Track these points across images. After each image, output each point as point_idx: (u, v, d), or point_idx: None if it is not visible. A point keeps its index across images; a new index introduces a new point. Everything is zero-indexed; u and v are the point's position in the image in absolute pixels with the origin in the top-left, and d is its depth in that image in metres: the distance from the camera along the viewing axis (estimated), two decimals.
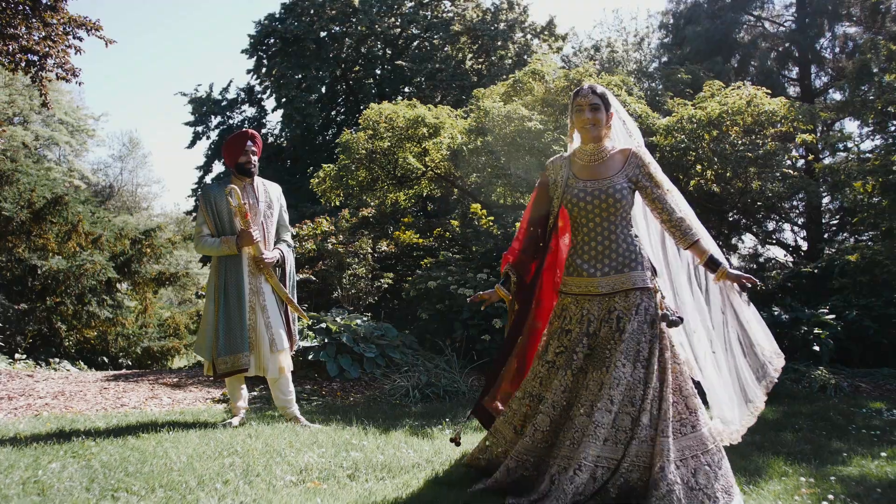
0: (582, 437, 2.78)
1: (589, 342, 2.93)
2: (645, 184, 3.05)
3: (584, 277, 2.99)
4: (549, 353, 3.03)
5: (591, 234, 3.01)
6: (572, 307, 3.02)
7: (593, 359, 2.91)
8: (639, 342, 2.87)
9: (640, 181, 3.05)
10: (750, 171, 7.14)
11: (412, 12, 21.14)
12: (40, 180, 9.03)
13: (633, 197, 3.07)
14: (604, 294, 2.96)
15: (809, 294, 9.16)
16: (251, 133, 4.64)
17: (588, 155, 3.09)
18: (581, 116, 3.02)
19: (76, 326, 10.39)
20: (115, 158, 36.44)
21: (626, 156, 3.07)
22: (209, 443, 3.72)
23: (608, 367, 2.84)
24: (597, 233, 3.00)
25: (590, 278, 2.98)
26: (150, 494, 2.85)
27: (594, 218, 3.00)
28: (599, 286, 2.96)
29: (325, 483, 3.14)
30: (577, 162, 3.12)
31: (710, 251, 3.03)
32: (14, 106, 27.28)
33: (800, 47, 14.60)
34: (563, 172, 3.11)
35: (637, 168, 3.05)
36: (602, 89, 3.06)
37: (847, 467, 3.80)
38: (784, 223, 13.01)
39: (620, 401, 2.79)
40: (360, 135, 8.25)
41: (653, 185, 3.06)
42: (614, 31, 27.62)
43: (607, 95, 3.08)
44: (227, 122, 21.95)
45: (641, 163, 3.06)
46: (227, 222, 4.51)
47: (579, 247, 3.05)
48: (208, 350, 4.45)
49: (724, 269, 3.03)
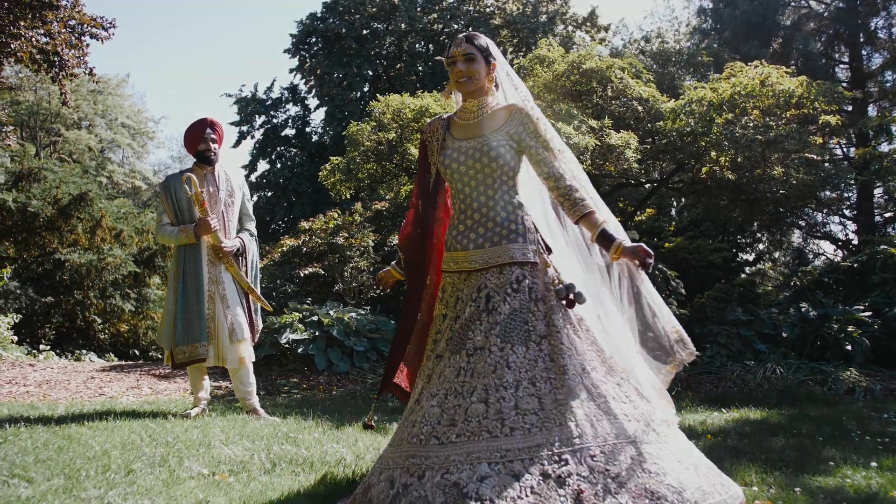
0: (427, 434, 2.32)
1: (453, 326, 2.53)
2: (529, 143, 2.61)
3: (458, 251, 2.61)
4: (437, 344, 2.65)
5: (466, 202, 2.63)
6: (449, 288, 2.65)
7: (452, 342, 2.49)
8: (526, 321, 2.44)
9: (523, 139, 2.62)
10: (772, 157, 6.65)
11: (453, 7, 21.00)
12: (66, 177, 9.27)
13: (518, 159, 2.65)
14: (478, 270, 2.54)
15: (848, 290, 8.55)
16: (210, 120, 4.56)
17: (468, 113, 2.71)
18: (454, 69, 2.63)
19: (110, 320, 10.68)
20: (174, 159, 37.64)
21: (511, 112, 2.66)
22: (142, 433, 3.64)
23: (476, 352, 2.41)
24: (472, 199, 2.61)
25: (464, 251, 2.59)
26: (44, 482, 2.78)
27: (469, 182, 2.61)
28: (472, 260, 2.56)
29: (234, 476, 3.00)
30: (457, 122, 2.75)
31: (602, 225, 2.54)
32: (79, 110, 28.48)
33: (850, 27, 13.69)
34: (438, 134, 2.73)
35: (521, 125, 2.62)
36: (485, 40, 2.69)
37: (827, 478, 3.42)
38: (830, 215, 12.22)
39: (513, 384, 2.32)
40: (365, 126, 8.15)
41: (538, 144, 2.62)
42: (665, 21, 26.75)
43: (489, 46, 2.69)
44: (272, 121, 22.31)
45: (527, 119, 2.64)
46: (187, 211, 4.45)
47: (456, 217, 2.68)
48: (167, 340, 4.40)
49: (620, 244, 2.50)
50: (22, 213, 8.52)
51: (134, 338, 11.37)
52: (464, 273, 2.61)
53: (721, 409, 5.33)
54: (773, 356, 7.00)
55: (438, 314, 2.69)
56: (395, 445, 2.47)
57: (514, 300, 2.47)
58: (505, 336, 2.41)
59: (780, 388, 6.29)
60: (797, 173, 6.75)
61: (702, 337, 7.70)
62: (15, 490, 2.63)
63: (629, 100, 6.84)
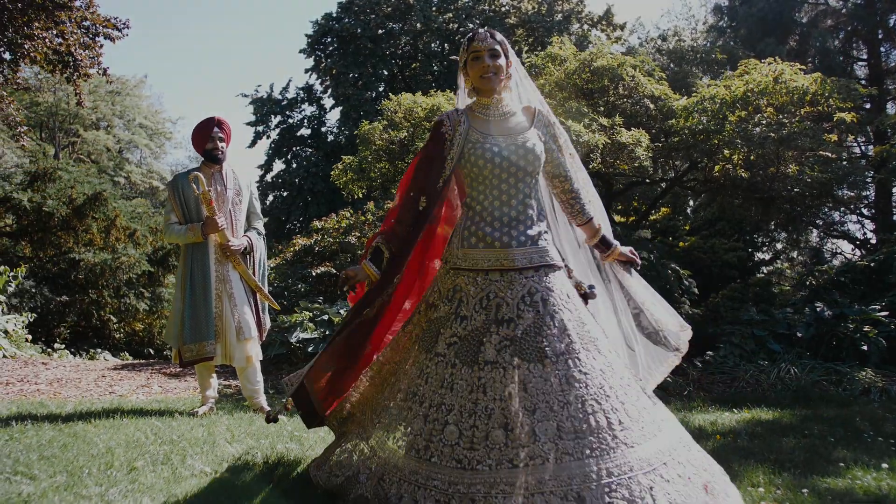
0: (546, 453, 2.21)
1: (504, 332, 2.43)
2: (551, 145, 2.71)
3: (494, 248, 2.53)
4: (438, 344, 2.52)
5: (502, 199, 2.57)
6: (469, 288, 2.54)
7: (522, 351, 2.38)
8: (583, 325, 2.49)
9: (546, 141, 2.69)
10: (786, 154, 6.56)
11: (469, 7, 20.97)
12: (80, 177, 9.36)
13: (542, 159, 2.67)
14: (518, 269, 2.51)
15: (865, 289, 8.41)
16: (218, 119, 4.57)
17: (489, 109, 2.67)
18: (481, 63, 2.60)
19: (125, 319, 10.77)
20: (192, 160, 37.84)
21: (533, 113, 2.71)
22: (147, 430, 3.66)
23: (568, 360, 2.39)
24: (510, 195, 2.57)
25: (503, 249, 2.52)
26: (47, 479, 2.79)
27: (508, 178, 2.57)
28: (515, 258, 2.51)
29: (235, 475, 3.00)
30: (479, 117, 2.67)
31: (601, 231, 2.76)
32: (98, 111, 28.79)
33: (868, 24, 13.47)
34: (461, 128, 2.64)
35: (545, 127, 2.70)
36: (501, 36, 2.68)
37: (837, 479, 3.36)
38: (847, 214, 12.03)
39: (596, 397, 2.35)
40: (376, 126, 8.15)
41: (556, 147, 2.72)
42: (682, 20, 26.55)
43: (506, 43, 2.70)
44: (287, 121, 22.42)
45: (548, 122, 2.72)
46: (195, 210, 4.46)
47: (486, 213, 2.58)
48: (175, 338, 4.42)
49: (617, 248, 2.74)
50: (37, 212, 8.63)
51: (149, 337, 11.47)
52: (500, 270, 2.54)
53: (733, 410, 5.26)
54: (787, 356, 6.90)
55: (448, 314, 2.56)
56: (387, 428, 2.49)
57: (567, 308, 2.50)
58: (584, 340, 2.46)
59: (793, 388, 6.19)
60: (812, 171, 6.65)
61: (715, 337, 7.61)
62: (17, 487, 2.65)
63: (641, 97, 6.77)
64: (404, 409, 2.51)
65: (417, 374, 2.55)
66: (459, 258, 2.60)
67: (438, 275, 2.71)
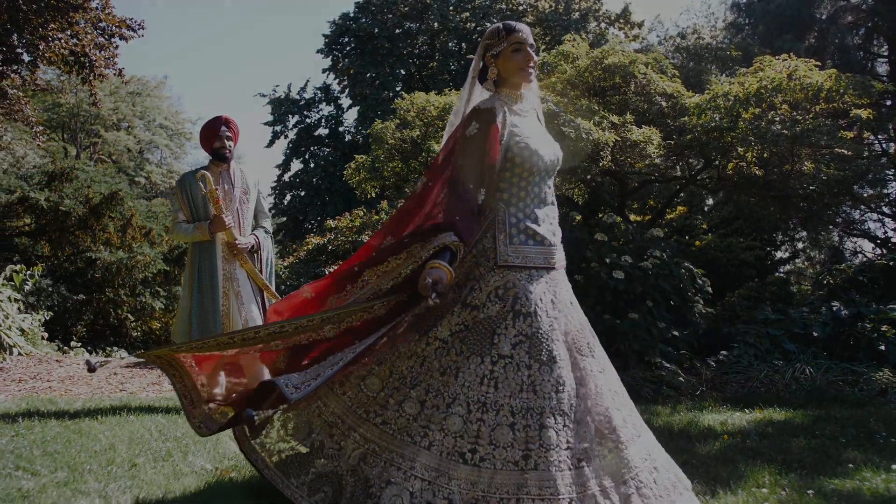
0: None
1: (565, 329, 2.44)
2: None
3: (544, 246, 2.50)
4: (500, 346, 2.35)
5: (540, 196, 2.55)
6: (524, 284, 2.43)
7: (580, 349, 2.46)
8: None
9: None
10: (801, 152, 6.45)
11: (486, 5, 20.93)
12: (97, 176, 9.48)
13: None
14: (555, 268, 2.53)
15: (884, 289, 8.27)
16: (225, 118, 4.60)
17: (517, 104, 2.60)
18: (525, 55, 2.52)
19: (142, 317, 10.90)
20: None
21: (538, 112, 2.74)
22: (151, 427, 3.69)
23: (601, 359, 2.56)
24: (547, 193, 2.58)
25: (550, 248, 2.52)
26: (48, 475, 2.82)
27: (546, 176, 2.57)
28: (557, 258, 2.54)
29: (235, 471, 3.02)
30: (516, 111, 2.57)
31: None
32: (118, 112, 29.17)
33: (888, 20, 13.23)
34: (507, 119, 2.51)
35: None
36: None
37: (845, 480, 3.29)
38: (867, 212, 11.83)
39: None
40: (388, 124, 8.15)
41: None
42: (702, 17, 26.25)
43: None
44: (305, 121, 22.51)
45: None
46: (202, 208, 4.49)
47: (528, 210, 2.51)
48: (183, 336, 4.44)
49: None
50: (55, 212, 8.76)
51: (165, 335, 11.59)
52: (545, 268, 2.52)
53: (745, 410, 5.19)
54: (802, 356, 6.79)
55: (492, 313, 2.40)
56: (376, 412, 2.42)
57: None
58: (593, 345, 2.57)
59: (808, 388, 6.09)
60: (828, 169, 6.53)
61: (730, 336, 7.52)
62: (17, 482, 2.68)
63: (653, 95, 6.70)
64: (470, 421, 2.28)
65: (477, 384, 2.32)
66: (511, 255, 2.46)
67: (473, 273, 2.48)
